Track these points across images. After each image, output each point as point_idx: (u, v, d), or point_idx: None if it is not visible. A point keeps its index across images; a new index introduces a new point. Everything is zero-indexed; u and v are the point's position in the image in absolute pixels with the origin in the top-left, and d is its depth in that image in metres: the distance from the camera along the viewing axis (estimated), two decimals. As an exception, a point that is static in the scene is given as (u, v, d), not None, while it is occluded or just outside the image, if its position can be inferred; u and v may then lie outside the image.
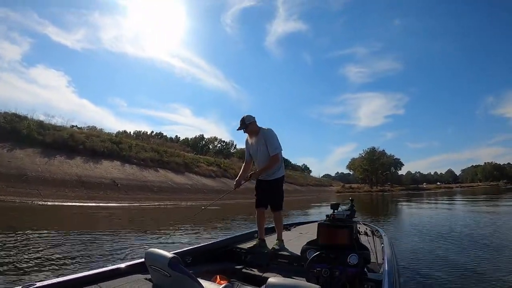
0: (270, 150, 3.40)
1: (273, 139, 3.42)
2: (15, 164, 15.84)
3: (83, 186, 17.61)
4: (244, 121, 3.40)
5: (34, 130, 19.68)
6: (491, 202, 21.96)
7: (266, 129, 3.46)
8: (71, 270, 3.87)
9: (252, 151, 3.57)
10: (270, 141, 3.40)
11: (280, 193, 3.55)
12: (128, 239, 6.62)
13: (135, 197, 19.18)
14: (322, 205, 21.20)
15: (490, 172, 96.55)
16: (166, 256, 1.59)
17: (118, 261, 4.21)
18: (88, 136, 23.91)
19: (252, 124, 3.45)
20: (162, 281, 1.66)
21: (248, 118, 3.42)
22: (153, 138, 45.88)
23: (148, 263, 1.69)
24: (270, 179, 3.49)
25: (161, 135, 55.67)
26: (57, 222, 9.10)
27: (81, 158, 20.84)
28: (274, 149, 3.40)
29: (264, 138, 3.41)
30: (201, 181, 29.09)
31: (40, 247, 5.23)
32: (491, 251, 6.06)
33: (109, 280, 1.96)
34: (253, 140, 3.51)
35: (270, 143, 3.39)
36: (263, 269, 2.87)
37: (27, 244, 5.42)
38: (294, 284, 1.33)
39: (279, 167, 3.52)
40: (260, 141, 3.44)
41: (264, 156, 3.45)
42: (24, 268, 3.84)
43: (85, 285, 1.83)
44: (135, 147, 27.35)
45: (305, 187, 53.14)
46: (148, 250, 1.71)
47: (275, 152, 3.41)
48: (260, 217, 3.51)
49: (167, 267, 1.55)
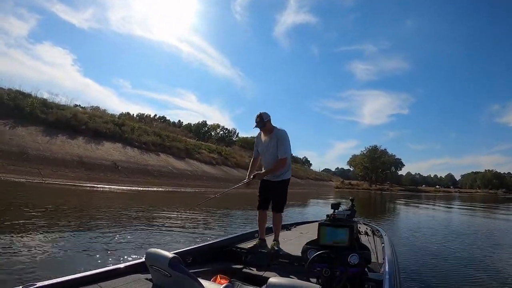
0: (279, 153, 3.35)
1: (285, 141, 3.39)
2: (17, 142, 15.90)
3: (83, 166, 17.71)
4: (262, 118, 3.35)
5: (38, 108, 19.67)
6: (489, 211, 22.04)
7: (281, 130, 3.42)
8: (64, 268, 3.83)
9: (261, 149, 3.54)
10: (282, 142, 3.36)
11: (284, 196, 3.52)
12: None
13: (135, 180, 19.32)
14: (319, 202, 21.28)
15: (489, 180, 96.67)
16: (167, 256, 1.58)
17: (119, 261, 4.18)
18: (91, 117, 23.92)
19: (268, 122, 3.41)
20: (162, 281, 1.65)
21: (265, 115, 3.37)
22: (156, 121, 45.91)
23: (149, 263, 1.68)
24: (276, 180, 3.46)
25: (164, 119, 55.70)
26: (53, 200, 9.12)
27: (83, 138, 20.89)
28: (284, 153, 3.36)
29: (277, 138, 3.36)
30: (201, 168, 29.21)
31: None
32: (490, 252, 6.30)
33: (109, 280, 1.97)
34: (265, 138, 3.48)
35: (281, 145, 3.35)
36: (263, 269, 2.89)
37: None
38: (294, 284, 1.32)
39: (286, 169, 3.50)
40: (272, 140, 3.40)
41: (272, 156, 3.42)
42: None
43: (85, 285, 1.84)
44: (137, 130, 27.37)
45: (305, 180, 53.31)
46: (148, 250, 1.70)
47: (284, 156, 3.37)
48: (261, 218, 3.51)
49: (167, 267, 1.55)
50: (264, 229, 3.49)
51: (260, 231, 3.48)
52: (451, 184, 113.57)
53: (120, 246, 5.02)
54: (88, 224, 6.71)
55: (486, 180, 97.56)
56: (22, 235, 5.03)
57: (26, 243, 4.56)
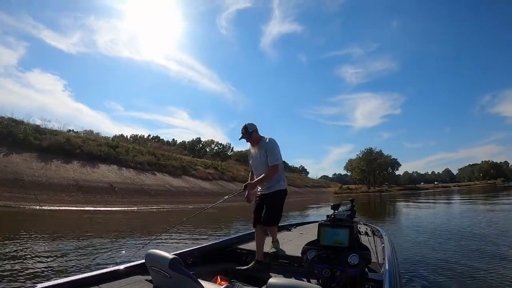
0: (269, 160, 3.20)
1: (274, 150, 3.25)
2: (12, 169, 15.74)
3: (80, 190, 17.51)
4: (247, 129, 3.24)
5: (31, 134, 19.58)
6: (490, 201, 22.11)
7: (268, 139, 3.30)
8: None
9: (252, 161, 3.42)
10: (271, 151, 3.23)
11: (278, 208, 3.28)
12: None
13: (132, 201, 19.06)
14: (321, 206, 21.24)
15: (487, 171, 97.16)
16: (167, 257, 1.59)
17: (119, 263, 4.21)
18: (84, 140, 23.82)
19: (254, 132, 3.30)
20: (162, 282, 1.66)
21: (250, 126, 3.26)
22: (150, 141, 45.74)
23: (149, 264, 1.69)
24: (270, 192, 3.26)
25: (158, 138, 55.64)
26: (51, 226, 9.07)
27: (78, 162, 20.73)
28: (275, 160, 3.22)
29: (265, 148, 3.24)
30: (198, 184, 29.03)
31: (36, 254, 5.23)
32: (491, 250, 6.08)
33: (110, 282, 1.96)
34: (254, 150, 3.37)
35: (270, 153, 3.22)
36: (263, 270, 2.88)
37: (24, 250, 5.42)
38: (294, 284, 1.33)
39: (279, 179, 3.31)
40: (260, 151, 3.28)
41: (263, 167, 3.26)
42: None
43: (86, 286, 1.84)
44: (132, 150, 27.26)
45: (303, 188, 53.17)
46: (148, 251, 1.71)
47: (275, 162, 3.22)
48: (258, 235, 3.19)
49: (167, 268, 1.56)
50: (261, 249, 3.14)
51: (258, 251, 3.12)
52: (449, 179, 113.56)
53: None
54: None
55: (483, 171, 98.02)
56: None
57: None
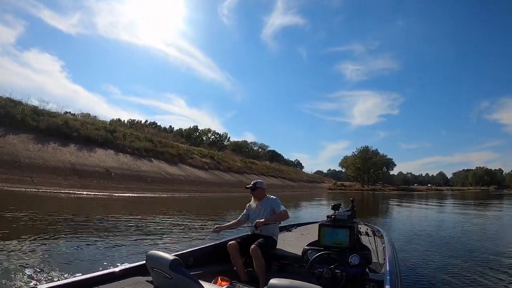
0: (280, 210, 3.29)
1: (280, 204, 3.37)
2: (8, 150, 15.73)
3: (76, 174, 17.56)
4: (255, 184, 3.47)
5: (29, 115, 19.44)
6: (481, 207, 22.50)
7: (273, 198, 3.46)
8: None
9: (252, 215, 3.45)
10: (278, 205, 3.34)
11: (267, 253, 3.04)
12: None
13: (128, 187, 19.18)
14: (313, 204, 21.43)
15: (481, 177, 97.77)
16: (167, 258, 1.60)
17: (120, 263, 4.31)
18: (82, 124, 23.73)
19: (261, 190, 3.47)
20: (163, 283, 1.67)
21: (260, 183, 3.50)
22: (147, 127, 45.51)
23: (149, 265, 1.71)
24: (267, 235, 3.21)
25: (155, 124, 55.41)
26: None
27: (75, 145, 20.71)
28: (284, 209, 3.32)
29: (272, 204, 3.38)
30: (194, 173, 29.10)
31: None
32: (488, 251, 6.31)
33: (110, 283, 1.96)
34: (256, 205, 3.48)
35: (278, 206, 3.32)
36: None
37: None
38: (295, 285, 1.32)
39: (277, 229, 3.40)
40: (265, 207, 3.38)
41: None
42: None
43: (86, 287, 1.85)
44: (129, 136, 27.21)
45: (297, 182, 53.62)
46: (149, 252, 1.72)
47: (284, 210, 3.32)
48: (234, 253, 2.99)
49: (168, 269, 1.57)
50: (243, 269, 2.95)
51: (239, 271, 2.94)
52: (443, 182, 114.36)
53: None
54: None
55: (477, 177, 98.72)
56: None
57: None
